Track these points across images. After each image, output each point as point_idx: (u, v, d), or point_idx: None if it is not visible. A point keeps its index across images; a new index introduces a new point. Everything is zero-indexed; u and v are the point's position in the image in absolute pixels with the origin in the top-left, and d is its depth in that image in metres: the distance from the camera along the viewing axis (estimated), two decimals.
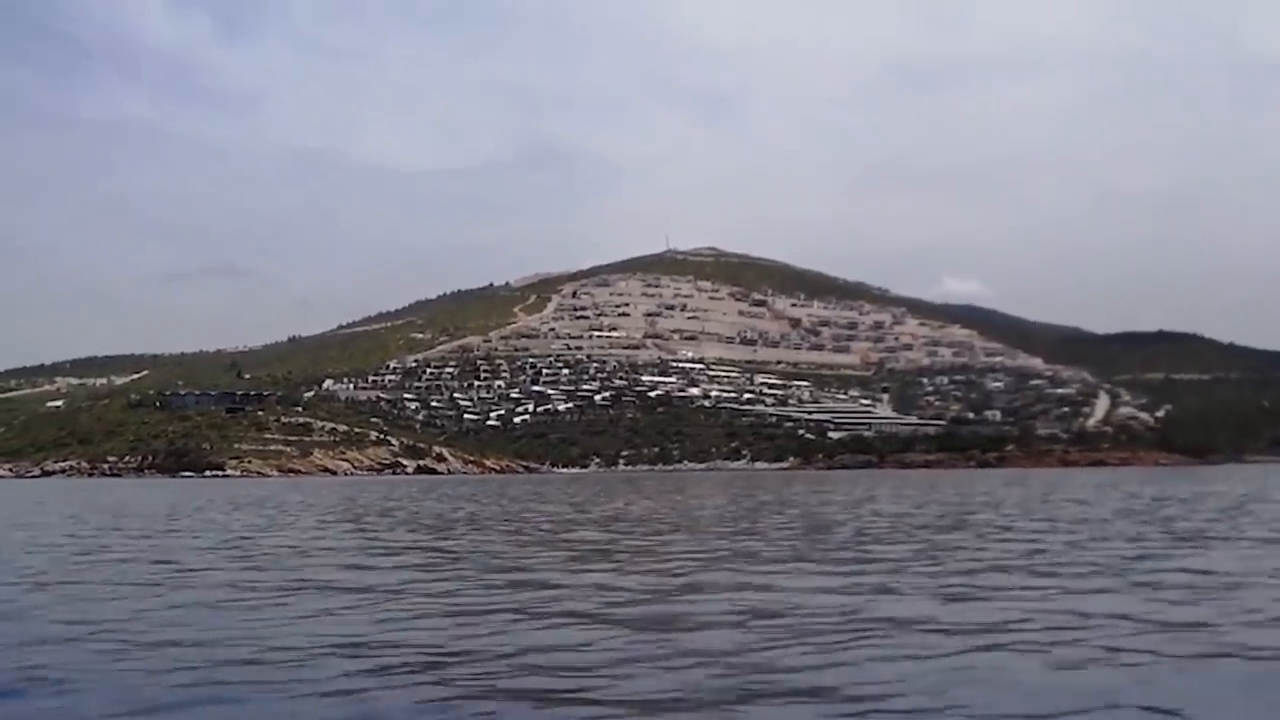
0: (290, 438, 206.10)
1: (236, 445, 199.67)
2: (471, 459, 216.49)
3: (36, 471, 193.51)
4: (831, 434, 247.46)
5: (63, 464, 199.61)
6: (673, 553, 22.58)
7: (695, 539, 27.13)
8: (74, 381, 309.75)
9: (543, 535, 29.42)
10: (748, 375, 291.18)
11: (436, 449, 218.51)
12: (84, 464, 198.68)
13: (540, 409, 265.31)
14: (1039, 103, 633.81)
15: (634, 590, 15.91)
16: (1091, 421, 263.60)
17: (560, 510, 44.58)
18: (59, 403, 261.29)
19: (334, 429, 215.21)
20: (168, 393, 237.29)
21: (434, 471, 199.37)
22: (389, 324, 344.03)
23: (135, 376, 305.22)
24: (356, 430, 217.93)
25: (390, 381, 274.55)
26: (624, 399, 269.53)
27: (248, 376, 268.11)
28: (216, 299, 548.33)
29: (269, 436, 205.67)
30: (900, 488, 73.72)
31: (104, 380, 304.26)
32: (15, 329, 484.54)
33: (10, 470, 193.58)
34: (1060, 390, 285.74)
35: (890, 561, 19.94)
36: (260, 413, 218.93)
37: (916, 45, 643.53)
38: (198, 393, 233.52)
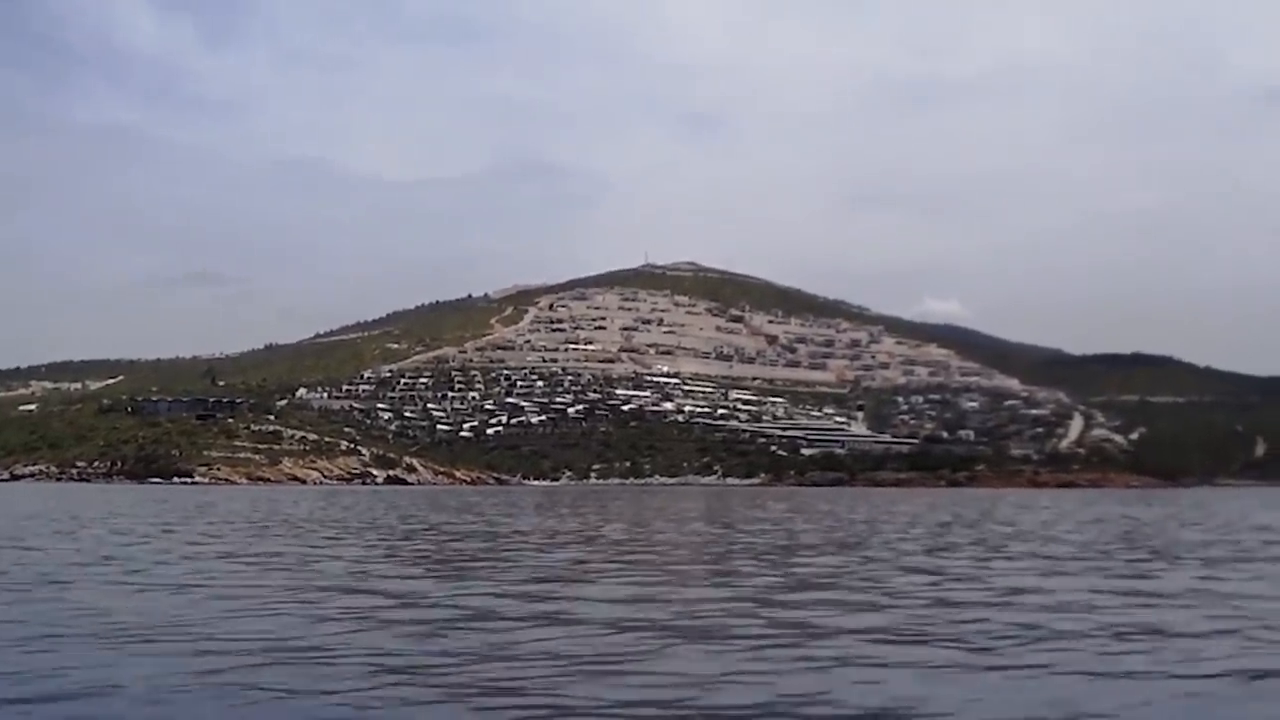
0: (260, 446, 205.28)
1: (206, 452, 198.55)
2: (442, 470, 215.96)
3: (5, 475, 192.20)
4: (804, 451, 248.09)
5: (31, 468, 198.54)
6: None
7: None
8: (49, 385, 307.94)
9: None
10: (723, 391, 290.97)
11: (407, 459, 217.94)
12: (53, 468, 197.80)
13: (513, 421, 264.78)
14: (1022, 126, 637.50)
15: None
16: (1065, 443, 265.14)
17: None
18: (31, 406, 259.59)
19: (304, 438, 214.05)
20: (140, 398, 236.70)
21: (404, 482, 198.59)
22: (365, 334, 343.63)
23: (110, 381, 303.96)
24: (327, 439, 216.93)
25: (364, 391, 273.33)
26: (597, 412, 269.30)
27: (222, 383, 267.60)
28: (198, 306, 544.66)
29: (238, 444, 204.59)
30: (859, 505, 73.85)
31: (79, 385, 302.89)
32: None
33: None
34: (1035, 411, 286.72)
35: None
36: (231, 420, 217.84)
37: (902, 66, 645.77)
38: (170, 399, 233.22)
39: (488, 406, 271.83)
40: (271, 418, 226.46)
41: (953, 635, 12.95)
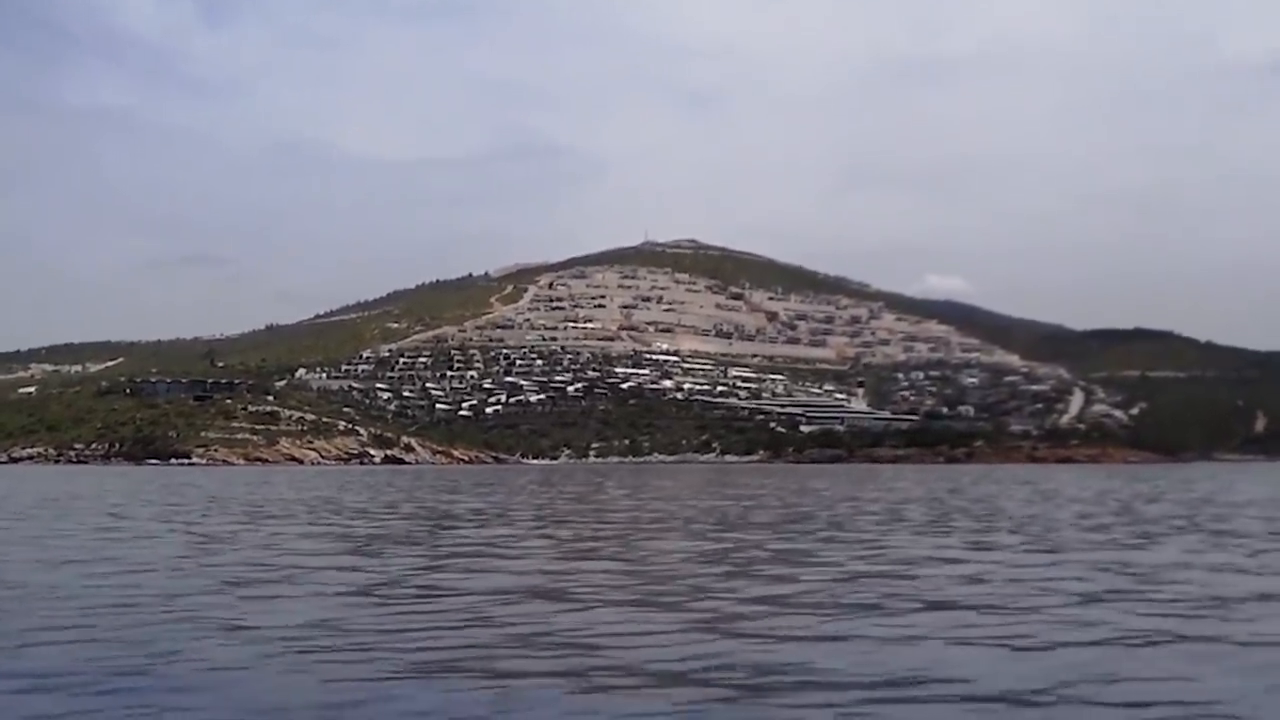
0: (257, 427, 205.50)
1: (203, 433, 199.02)
2: (440, 449, 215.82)
3: (3, 458, 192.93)
4: (803, 428, 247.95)
5: (30, 450, 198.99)
6: None
7: None
8: (48, 368, 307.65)
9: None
10: (722, 368, 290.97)
11: (405, 439, 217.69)
12: (51, 451, 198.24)
13: (512, 400, 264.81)
14: (1021, 104, 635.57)
15: None
16: (1065, 419, 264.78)
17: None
18: (31, 389, 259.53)
19: (301, 418, 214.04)
20: (138, 380, 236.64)
21: (401, 462, 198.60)
22: (365, 314, 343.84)
23: (110, 364, 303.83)
24: (325, 420, 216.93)
25: (363, 371, 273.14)
26: (596, 390, 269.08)
27: (221, 364, 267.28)
28: (197, 288, 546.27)
29: (236, 425, 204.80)
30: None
31: (79, 367, 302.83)
32: None
33: None
34: (1035, 387, 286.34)
35: None
36: (229, 401, 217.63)
37: (901, 45, 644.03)
38: (168, 380, 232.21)
39: (486, 385, 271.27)
40: (270, 398, 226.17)
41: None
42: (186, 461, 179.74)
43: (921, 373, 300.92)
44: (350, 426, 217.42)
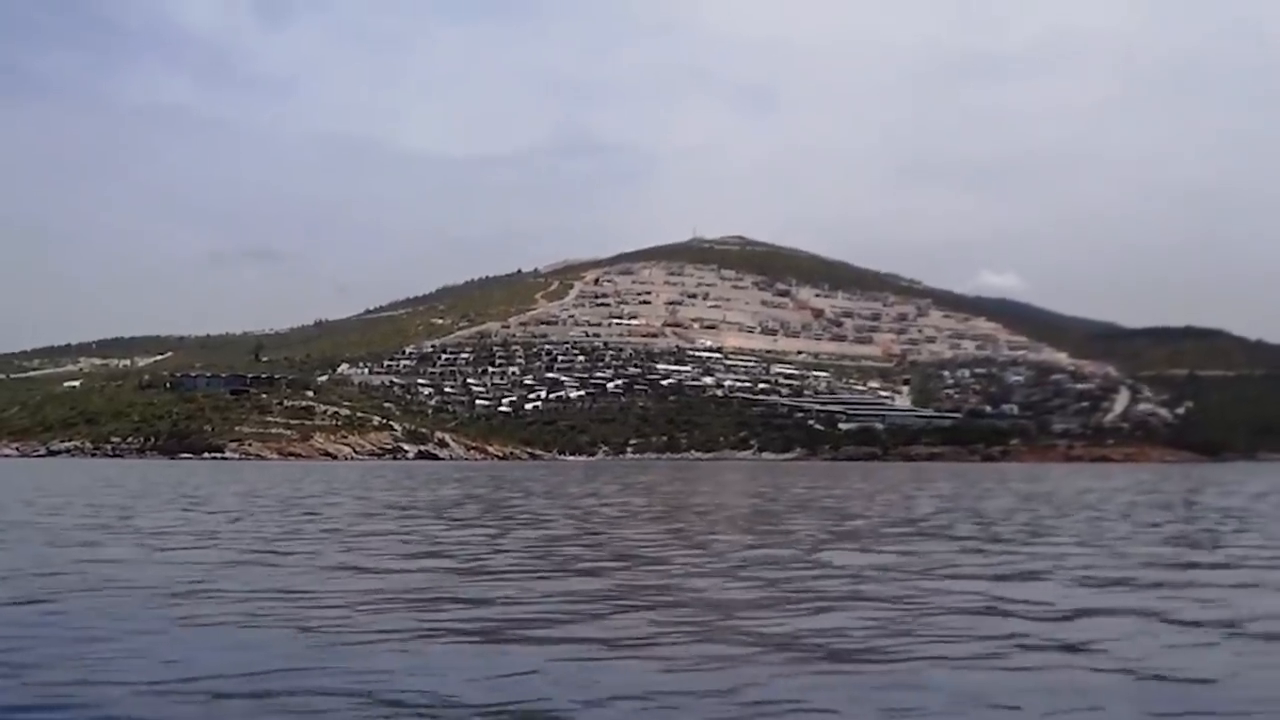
0: (292, 421, 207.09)
1: (238, 428, 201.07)
2: (474, 445, 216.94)
3: (42, 451, 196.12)
4: (842, 425, 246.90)
5: (68, 444, 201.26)
6: None
7: None
8: (97, 362, 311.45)
9: None
10: (765, 365, 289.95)
11: (439, 434, 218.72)
12: (88, 444, 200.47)
13: (552, 396, 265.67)
14: (1078, 97, 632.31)
15: None
16: (1109, 417, 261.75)
17: None
18: (75, 383, 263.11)
19: (336, 413, 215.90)
20: (179, 374, 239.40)
21: (435, 457, 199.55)
22: (413, 309, 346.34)
23: (159, 358, 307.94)
24: (359, 415, 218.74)
25: (405, 366, 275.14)
26: (636, 387, 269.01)
27: (266, 359, 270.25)
28: (256, 282, 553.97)
29: (270, 420, 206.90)
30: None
31: (127, 361, 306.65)
32: (53, 310, 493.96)
33: (17, 450, 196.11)
34: (1080, 385, 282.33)
35: None
36: (264, 396, 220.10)
37: (955, 39, 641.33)
38: (208, 375, 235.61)
39: (527, 381, 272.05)
40: (310, 393, 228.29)
41: None
42: (220, 456, 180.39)
43: (967, 370, 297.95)
44: (385, 422, 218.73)
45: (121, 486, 58.46)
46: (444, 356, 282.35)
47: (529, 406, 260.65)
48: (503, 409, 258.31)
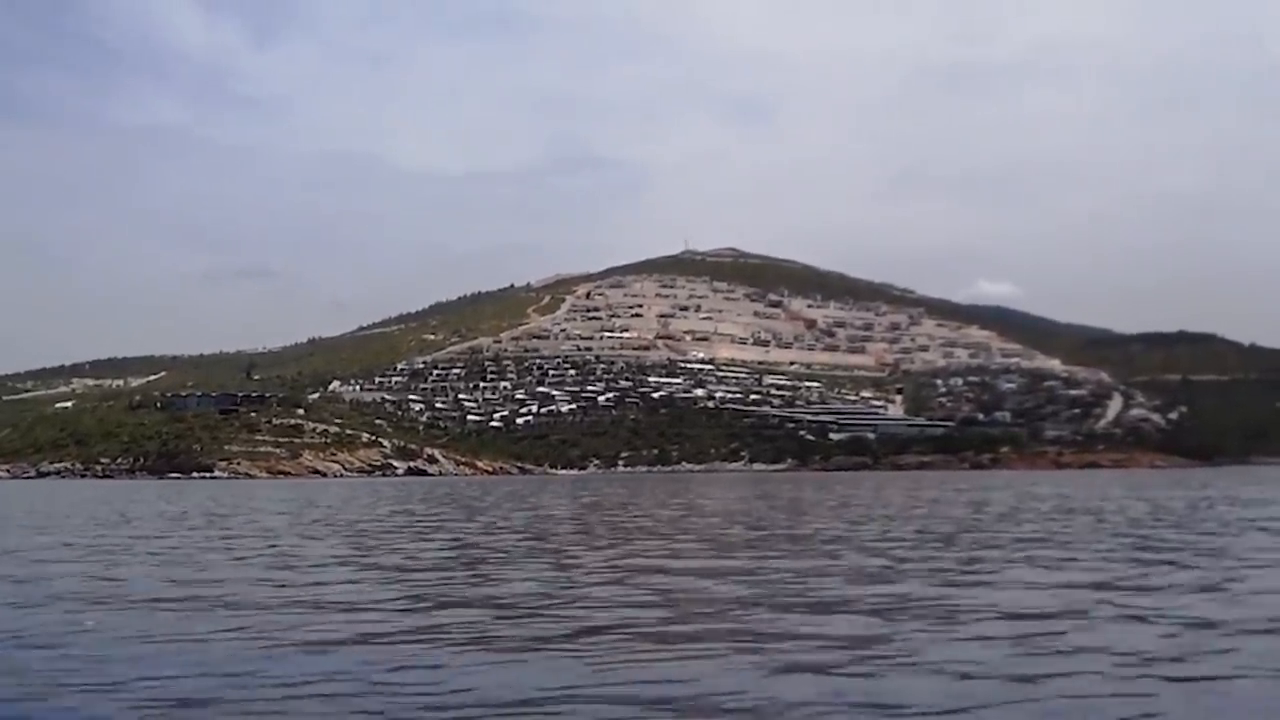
0: (281, 439, 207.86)
1: (226, 447, 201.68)
2: (463, 461, 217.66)
3: (32, 472, 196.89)
4: (832, 435, 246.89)
5: (58, 465, 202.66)
6: None
7: None
8: (90, 383, 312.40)
9: None
10: (757, 376, 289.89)
11: (429, 450, 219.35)
12: (78, 465, 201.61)
13: (544, 410, 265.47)
14: (1069, 107, 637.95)
15: None
16: (1102, 423, 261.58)
17: None
18: (68, 404, 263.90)
19: (325, 430, 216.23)
20: (170, 394, 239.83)
21: (424, 473, 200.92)
22: (405, 325, 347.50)
23: (151, 378, 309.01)
24: (348, 432, 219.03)
25: (396, 383, 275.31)
26: (628, 400, 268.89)
27: (258, 378, 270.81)
28: (248, 301, 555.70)
29: (259, 438, 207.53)
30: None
31: (120, 382, 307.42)
32: (46, 332, 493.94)
33: (7, 471, 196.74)
34: (1073, 391, 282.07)
35: None
36: (253, 415, 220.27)
37: (943, 51, 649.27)
38: (199, 394, 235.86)
39: (518, 396, 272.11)
40: (301, 411, 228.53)
41: None
42: (208, 475, 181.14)
43: (960, 379, 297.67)
44: (374, 439, 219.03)
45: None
46: (435, 372, 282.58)
47: (520, 421, 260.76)
48: (494, 424, 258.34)
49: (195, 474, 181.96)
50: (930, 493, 71.76)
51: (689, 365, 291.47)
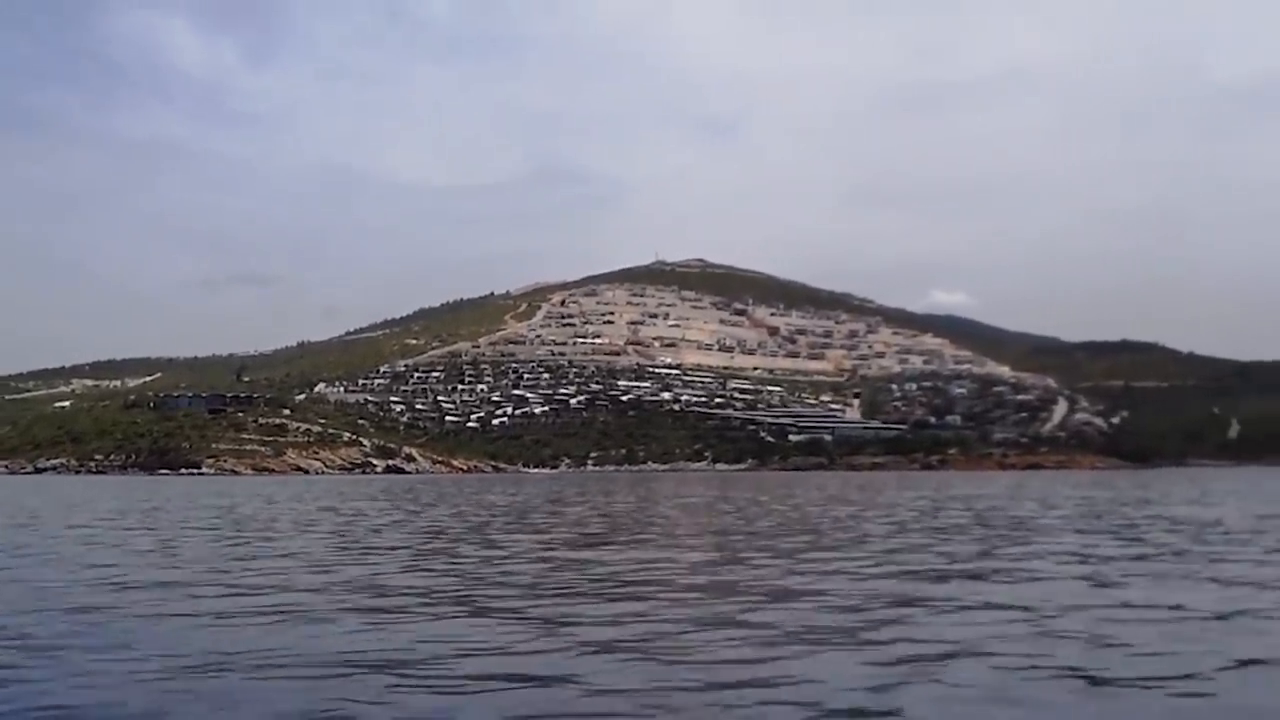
0: (266, 438, 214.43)
1: (214, 445, 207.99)
2: (440, 459, 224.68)
3: (30, 468, 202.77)
4: (792, 437, 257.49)
5: (54, 461, 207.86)
6: None
7: None
8: (89, 383, 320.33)
9: None
10: (721, 381, 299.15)
11: (407, 449, 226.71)
12: (73, 462, 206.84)
13: (518, 412, 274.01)
14: (1020, 127, 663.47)
15: None
16: (1047, 427, 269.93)
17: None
18: (66, 403, 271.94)
19: (308, 430, 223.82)
20: (163, 395, 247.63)
21: (402, 471, 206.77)
22: (390, 330, 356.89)
23: (148, 379, 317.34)
24: (330, 431, 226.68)
25: (379, 385, 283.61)
26: (598, 403, 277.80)
27: (247, 379, 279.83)
28: (243, 306, 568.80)
29: (245, 437, 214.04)
30: None
31: (118, 382, 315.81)
32: (49, 334, 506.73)
33: (5, 467, 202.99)
34: (1020, 396, 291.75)
35: None
36: (241, 414, 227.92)
37: (906, 71, 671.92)
38: (190, 395, 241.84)
39: (494, 398, 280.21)
40: (287, 411, 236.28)
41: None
42: (196, 472, 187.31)
43: (914, 384, 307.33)
44: (355, 438, 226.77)
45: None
46: (416, 375, 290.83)
47: (496, 422, 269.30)
48: (471, 424, 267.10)
49: (184, 470, 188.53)
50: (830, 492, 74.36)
51: (657, 370, 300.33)
